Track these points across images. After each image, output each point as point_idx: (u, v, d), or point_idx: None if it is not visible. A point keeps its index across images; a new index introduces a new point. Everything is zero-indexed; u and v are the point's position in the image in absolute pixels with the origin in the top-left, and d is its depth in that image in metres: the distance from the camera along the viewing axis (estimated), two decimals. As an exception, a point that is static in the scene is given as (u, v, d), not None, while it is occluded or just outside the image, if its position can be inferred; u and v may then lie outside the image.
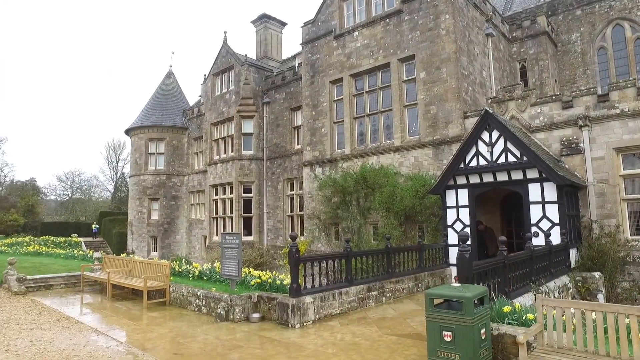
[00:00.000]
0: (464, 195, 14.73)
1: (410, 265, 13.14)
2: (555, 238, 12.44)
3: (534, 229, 13.15)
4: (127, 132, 36.26)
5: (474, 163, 14.36)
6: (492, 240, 15.81)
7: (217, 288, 11.37)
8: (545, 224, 13.03)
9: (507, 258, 8.72)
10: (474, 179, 14.51)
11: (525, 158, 13.24)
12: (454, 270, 14.44)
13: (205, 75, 31.80)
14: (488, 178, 14.21)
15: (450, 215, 14.99)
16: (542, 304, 5.83)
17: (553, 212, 12.93)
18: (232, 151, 28.24)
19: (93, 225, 44.21)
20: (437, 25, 18.08)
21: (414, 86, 18.94)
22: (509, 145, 13.62)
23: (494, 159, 13.91)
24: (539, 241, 12.45)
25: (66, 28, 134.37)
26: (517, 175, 13.59)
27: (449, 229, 14.93)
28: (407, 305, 11.31)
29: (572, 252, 13.41)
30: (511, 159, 13.57)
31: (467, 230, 14.38)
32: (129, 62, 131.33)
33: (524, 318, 6.69)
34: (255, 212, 27.14)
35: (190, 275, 13.83)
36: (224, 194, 28.30)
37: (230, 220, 27.43)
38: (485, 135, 14.16)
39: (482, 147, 14.19)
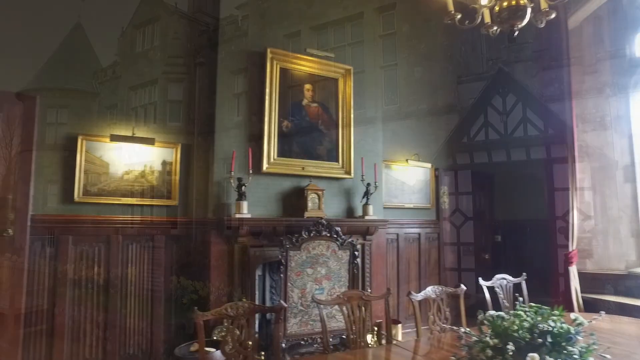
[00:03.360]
0: (466, 179, 12.39)
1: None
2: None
3: (559, 223, 11.00)
4: (19, 95, 31.31)
5: (481, 136, 12.05)
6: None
7: None
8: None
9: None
10: (481, 158, 12.19)
11: (551, 130, 11.05)
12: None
13: (123, 28, 27.68)
14: (499, 157, 11.91)
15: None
16: None
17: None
18: (154, 123, 24.55)
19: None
20: (426, -34, 15.63)
21: (393, 43, 16.39)
22: (529, 115, 11.41)
23: (509, 132, 11.66)
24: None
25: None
26: (538, 153, 11.40)
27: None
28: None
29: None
30: (532, 131, 11.37)
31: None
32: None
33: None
34: (183, 200, 23.68)
35: None
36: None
37: (151, 209, 23.82)
38: (497, 101, 11.90)
39: (494, 116, 11.90)
